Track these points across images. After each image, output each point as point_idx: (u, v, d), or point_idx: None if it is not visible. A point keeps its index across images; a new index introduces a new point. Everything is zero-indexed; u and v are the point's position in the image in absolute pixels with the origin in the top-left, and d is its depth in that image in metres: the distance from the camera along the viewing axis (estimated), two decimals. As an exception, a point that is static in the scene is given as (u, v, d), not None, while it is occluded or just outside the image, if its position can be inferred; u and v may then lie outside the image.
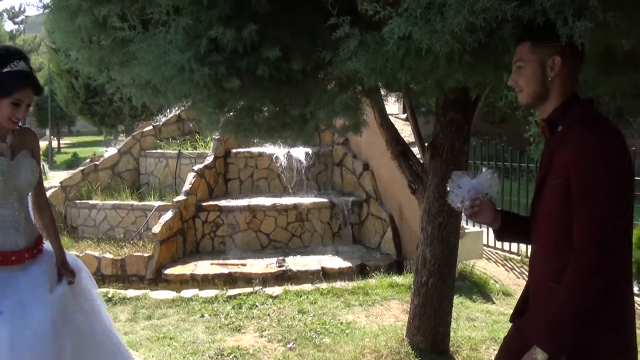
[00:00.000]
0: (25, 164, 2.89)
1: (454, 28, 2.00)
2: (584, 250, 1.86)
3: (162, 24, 3.04)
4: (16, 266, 2.82)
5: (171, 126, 11.73)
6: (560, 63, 2.02)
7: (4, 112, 2.70)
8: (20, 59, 2.72)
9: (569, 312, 1.86)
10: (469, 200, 2.20)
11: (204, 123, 3.98)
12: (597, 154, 1.87)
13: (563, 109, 2.05)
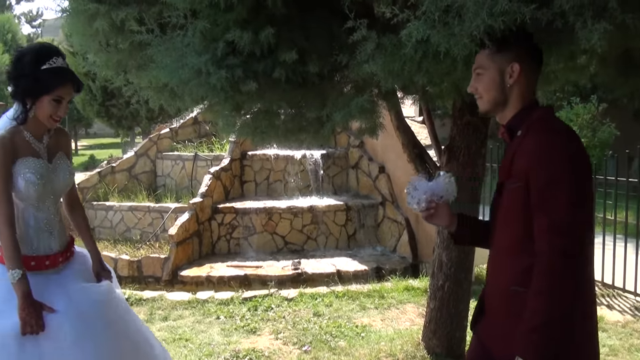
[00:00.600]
0: (63, 166, 2.82)
1: (472, 31, 1.99)
2: (548, 255, 1.85)
3: (179, 28, 3.05)
4: (50, 271, 2.74)
5: (187, 128, 11.78)
6: (518, 70, 2.03)
7: (45, 109, 2.63)
8: (59, 55, 2.65)
9: (542, 319, 1.85)
10: (425, 203, 2.25)
11: (221, 126, 3.98)
12: (555, 158, 1.89)
13: (522, 115, 2.06)
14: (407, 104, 4.93)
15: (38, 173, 2.66)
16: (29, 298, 2.51)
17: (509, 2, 1.99)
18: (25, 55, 2.62)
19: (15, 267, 2.52)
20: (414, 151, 4.52)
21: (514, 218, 2.01)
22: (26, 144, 2.68)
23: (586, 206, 1.90)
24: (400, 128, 4.52)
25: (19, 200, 2.68)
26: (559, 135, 1.94)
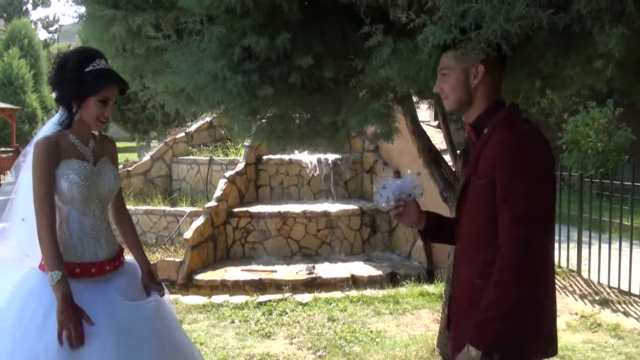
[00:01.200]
0: (107, 170, 2.75)
1: (489, 36, 1.98)
2: (509, 247, 1.89)
3: (196, 33, 3.07)
4: (96, 279, 2.64)
5: (203, 133, 11.84)
6: (483, 71, 2.07)
7: (92, 111, 2.59)
8: (101, 58, 2.62)
9: (500, 309, 1.88)
10: (394, 201, 2.30)
11: (236, 130, 4.00)
12: (518, 155, 1.93)
13: (487, 114, 2.10)
14: (422, 108, 4.91)
15: (82, 174, 2.60)
16: (69, 300, 2.42)
17: (526, 7, 1.98)
18: (68, 59, 2.59)
19: (55, 268, 2.44)
20: (429, 156, 4.51)
21: (479, 213, 2.05)
22: (71, 146, 2.63)
23: (548, 201, 1.95)
24: (415, 133, 4.51)
25: (62, 204, 2.61)
26: (523, 133, 1.99)
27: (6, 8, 46.91)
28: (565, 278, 7.39)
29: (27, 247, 2.70)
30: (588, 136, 13.73)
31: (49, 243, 2.48)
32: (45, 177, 2.53)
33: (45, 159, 2.54)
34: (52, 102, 38.01)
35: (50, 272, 2.43)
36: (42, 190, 2.52)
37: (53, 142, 2.57)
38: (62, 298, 2.41)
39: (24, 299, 2.53)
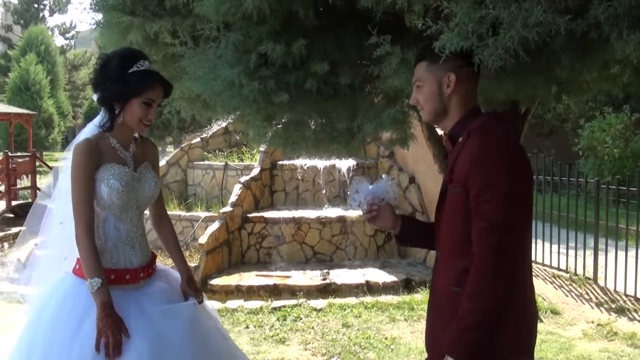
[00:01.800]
0: (148, 177, 2.68)
1: (506, 42, 1.98)
2: (483, 255, 1.89)
3: (212, 40, 3.08)
4: (130, 286, 2.57)
5: (218, 138, 11.89)
6: (455, 80, 2.08)
7: (135, 113, 2.53)
8: (145, 59, 2.56)
9: (475, 318, 1.88)
10: (366, 205, 2.34)
11: (252, 136, 4.01)
12: (490, 164, 1.93)
13: (463, 123, 2.11)
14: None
15: (122, 180, 2.54)
16: (108, 308, 2.36)
17: (543, 14, 1.97)
18: (111, 60, 2.54)
19: (95, 275, 2.38)
20: (444, 162, 4.48)
21: (455, 222, 2.05)
22: (112, 150, 2.57)
23: (521, 208, 1.94)
24: (431, 139, 4.49)
25: (100, 209, 2.55)
26: (496, 141, 1.98)
27: (23, 15, 47.46)
28: (581, 286, 7.33)
29: (66, 250, 2.66)
30: (604, 142, 13.62)
31: (88, 249, 2.43)
32: (85, 181, 2.48)
33: (85, 162, 2.48)
34: (68, 107, 38.49)
35: (90, 279, 2.38)
36: (81, 193, 2.47)
37: (93, 145, 2.51)
38: (101, 305, 2.35)
39: (57, 304, 2.48)
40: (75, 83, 46.75)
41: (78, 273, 2.51)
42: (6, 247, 11.88)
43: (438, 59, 2.10)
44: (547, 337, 5.68)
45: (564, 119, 16.25)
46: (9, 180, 14.16)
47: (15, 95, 31.63)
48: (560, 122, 16.23)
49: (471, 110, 2.13)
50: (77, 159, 2.49)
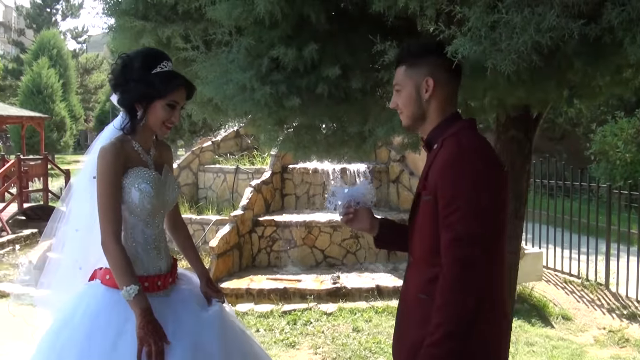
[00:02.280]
0: (171, 179, 2.63)
1: (519, 47, 1.97)
2: (449, 269, 1.87)
3: (224, 44, 3.09)
4: (161, 293, 2.50)
5: (229, 142, 11.93)
6: (433, 84, 2.07)
7: (158, 115, 2.44)
8: (168, 59, 2.50)
9: (445, 330, 1.85)
10: (342, 208, 2.34)
11: (263, 140, 4.01)
12: (459, 174, 1.91)
13: (440, 129, 2.09)
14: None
15: (153, 184, 2.47)
16: (149, 315, 2.27)
17: (556, 18, 1.97)
18: (133, 60, 2.45)
19: (130, 282, 2.29)
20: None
21: (426, 230, 2.04)
22: (135, 154, 2.49)
23: (489, 220, 1.89)
24: (442, 143, 4.48)
25: (128, 215, 2.47)
26: (467, 150, 1.96)
27: (35, 19, 47.84)
28: (592, 291, 7.29)
29: (80, 259, 2.58)
30: (616, 147, 13.55)
31: (119, 256, 2.34)
32: (113, 186, 2.38)
33: (113, 166, 2.38)
34: (79, 110, 38.76)
35: (126, 287, 2.29)
36: (109, 199, 2.37)
37: (120, 149, 2.42)
38: (141, 313, 2.27)
39: (90, 318, 2.35)
40: (87, 86, 47.11)
41: (108, 283, 2.41)
42: (17, 249, 11.96)
43: (416, 63, 2.11)
44: (558, 343, 5.65)
45: (576, 123, 16.17)
46: (20, 182, 14.27)
47: (28, 98, 31.88)
48: (572, 126, 16.15)
49: (450, 116, 2.11)
50: (105, 162, 2.38)
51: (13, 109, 25.71)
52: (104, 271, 2.44)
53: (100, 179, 2.38)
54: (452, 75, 2.12)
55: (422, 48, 2.14)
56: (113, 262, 2.35)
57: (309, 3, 2.82)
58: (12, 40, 50.92)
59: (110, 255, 2.35)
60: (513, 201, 4.14)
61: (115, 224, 2.37)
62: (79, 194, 2.63)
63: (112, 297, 2.36)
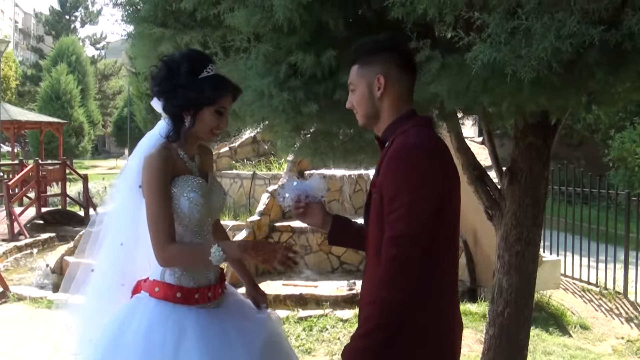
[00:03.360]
0: (217, 186, 2.53)
1: (539, 53, 1.96)
2: (384, 266, 1.86)
3: (242, 51, 3.11)
4: (211, 304, 2.41)
5: (246, 147, 11.98)
6: (384, 82, 2.04)
7: (207, 122, 2.34)
8: (213, 62, 2.40)
9: (371, 326, 1.84)
10: (291, 201, 2.32)
11: (280, 146, 4.02)
12: (402, 171, 1.89)
13: (394, 127, 2.06)
14: (467, 124, 4.87)
15: (201, 192, 2.37)
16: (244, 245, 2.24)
17: (577, 24, 1.96)
18: (180, 64, 2.33)
19: (208, 252, 2.20)
20: (474, 173, 4.45)
21: (375, 228, 2.01)
22: (181, 161, 2.39)
23: (432, 218, 1.85)
24: (460, 149, 4.46)
25: (177, 225, 2.34)
26: (412, 146, 1.93)
27: (54, 26, 48.47)
28: (611, 300, 7.21)
29: (123, 275, 2.48)
30: (635, 153, 13.41)
31: (182, 249, 2.29)
32: (163, 194, 2.27)
33: (162, 174, 2.27)
34: (98, 116, 39.10)
35: (213, 252, 2.20)
36: (160, 209, 2.25)
37: (167, 156, 2.31)
38: (239, 247, 2.25)
39: (144, 335, 2.26)
40: (105, 92, 47.61)
41: (158, 295, 2.33)
42: (35, 252, 12.07)
43: (369, 61, 2.09)
44: (576, 352, 5.59)
45: (594, 129, 16.02)
46: (39, 187, 14.43)
47: (46, 104, 32.29)
48: (590, 132, 16.01)
49: (404, 114, 2.07)
50: (153, 170, 2.27)
51: (32, 114, 26.06)
52: (152, 283, 2.35)
53: (149, 188, 2.27)
54: (405, 72, 2.09)
55: (373, 46, 2.10)
56: (183, 257, 2.30)
57: (328, 10, 2.82)
58: (31, 47, 51.61)
59: (174, 257, 2.28)
60: (531, 208, 4.12)
61: (168, 234, 2.25)
62: (121, 205, 2.51)
63: (164, 311, 2.29)
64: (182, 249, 2.29)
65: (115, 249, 2.46)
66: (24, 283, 9.45)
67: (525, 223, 4.07)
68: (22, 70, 48.42)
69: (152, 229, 2.25)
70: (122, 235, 2.45)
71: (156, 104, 2.42)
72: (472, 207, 7.60)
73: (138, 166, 2.35)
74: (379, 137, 2.16)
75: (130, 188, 2.41)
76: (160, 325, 2.26)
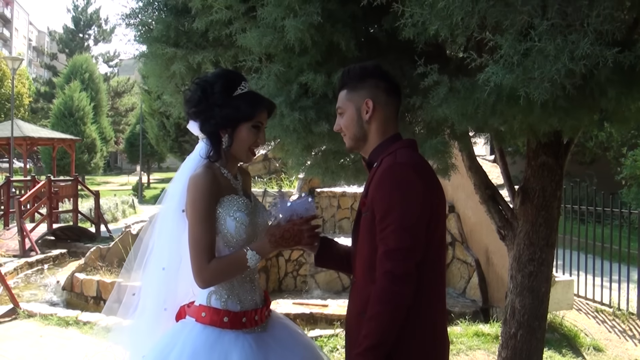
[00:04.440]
0: (260, 206, 2.48)
1: (553, 75, 1.95)
2: (379, 281, 1.93)
3: (254, 71, 3.12)
4: (258, 328, 2.36)
5: (257, 165, 12.01)
6: (372, 106, 2.14)
7: (245, 139, 2.33)
8: (245, 80, 2.38)
9: (370, 343, 1.92)
10: (283, 221, 2.27)
11: (291, 164, 4.02)
12: (391, 189, 1.98)
13: (381, 149, 2.16)
14: (479, 142, 4.85)
15: (247, 211, 2.32)
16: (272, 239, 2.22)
17: (590, 46, 1.95)
18: (213, 84, 2.32)
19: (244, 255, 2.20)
20: (486, 192, 4.42)
21: (365, 246, 2.09)
22: (226, 181, 2.35)
23: (422, 232, 1.96)
24: (472, 168, 4.44)
25: (222, 246, 2.30)
26: (401, 164, 2.03)
27: (68, 44, 48.98)
28: (624, 321, 7.11)
29: (165, 299, 2.44)
30: (648, 171, 13.30)
31: (219, 264, 2.22)
32: (206, 215, 2.23)
33: (207, 194, 2.24)
34: (110, 133, 39.36)
35: (249, 256, 2.21)
36: (204, 230, 2.22)
37: (212, 176, 2.27)
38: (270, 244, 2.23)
39: None
40: (118, 109, 47.97)
41: (204, 321, 2.29)
42: (46, 268, 12.08)
43: (357, 86, 2.17)
44: (590, 374, 5.51)
45: (606, 147, 15.94)
46: (50, 203, 14.48)
47: (59, 120, 32.54)
48: (603, 150, 15.92)
49: (391, 137, 2.18)
50: (198, 190, 2.23)
51: (44, 130, 26.22)
52: (199, 309, 2.31)
53: (193, 208, 2.23)
54: (392, 96, 2.19)
55: (362, 71, 2.20)
56: (222, 271, 2.24)
57: (339, 30, 2.84)
58: (45, 64, 52.12)
59: (214, 274, 2.23)
60: (544, 228, 4.08)
61: (209, 255, 2.21)
62: (164, 229, 2.44)
63: (210, 337, 2.25)
64: (219, 263, 2.23)
65: (157, 273, 2.42)
66: (35, 300, 9.45)
67: (538, 243, 4.03)
68: (35, 87, 48.97)
69: (192, 250, 2.22)
70: (164, 260, 2.40)
71: (192, 127, 2.41)
72: (484, 226, 7.57)
73: (181, 190, 2.32)
74: (365, 159, 2.24)
75: (174, 212, 2.37)
76: (205, 351, 2.22)
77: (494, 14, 2.18)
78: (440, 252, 2.12)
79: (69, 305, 8.98)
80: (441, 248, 2.13)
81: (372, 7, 2.56)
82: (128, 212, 20.59)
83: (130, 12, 3.40)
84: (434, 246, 2.05)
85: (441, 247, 2.13)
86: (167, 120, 27.59)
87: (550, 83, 1.97)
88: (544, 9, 2.10)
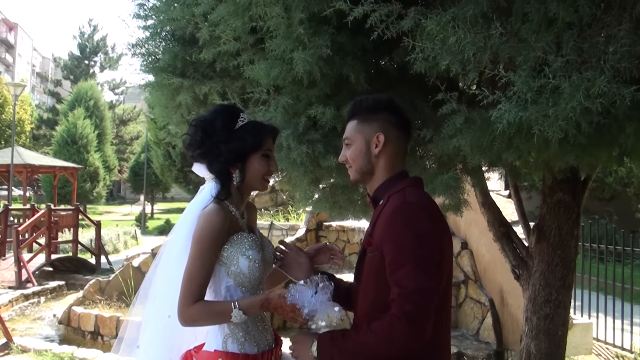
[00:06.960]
0: (267, 243, 2.40)
1: (568, 113, 1.86)
2: (397, 316, 1.83)
3: (262, 103, 3.08)
4: None
5: (264, 197, 11.95)
6: (383, 140, 2.07)
7: (256, 170, 2.26)
8: (243, 111, 2.32)
9: (363, 351, 1.89)
10: (308, 316, 2.06)
11: (298, 198, 3.95)
12: (403, 229, 1.90)
13: (387, 185, 2.09)
14: (493, 177, 4.75)
15: (259, 248, 2.26)
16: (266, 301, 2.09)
17: (607, 84, 1.86)
18: (213, 121, 2.25)
19: (230, 309, 2.08)
20: (500, 230, 4.31)
21: (370, 285, 2.02)
22: (235, 219, 2.26)
23: (435, 271, 1.89)
24: (485, 205, 4.34)
25: (234, 289, 2.22)
26: (410, 204, 1.96)
27: (73, 70, 48.94)
28: (646, 363, 6.88)
29: (171, 350, 2.32)
30: (669, 208, 13.07)
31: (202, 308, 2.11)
32: (209, 252, 2.14)
33: (217, 231, 2.15)
34: (114, 161, 39.03)
35: (235, 315, 2.08)
36: (201, 266, 2.13)
37: (225, 215, 2.18)
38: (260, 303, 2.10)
39: None
40: (123, 137, 47.85)
41: (202, 357, 2.23)
42: (42, 301, 11.69)
43: (369, 118, 2.10)
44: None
45: (627, 183, 15.71)
46: (49, 233, 13.96)
47: (62, 148, 32.23)
48: (623, 186, 15.69)
49: (398, 174, 2.11)
50: (208, 225, 2.14)
51: (46, 158, 25.75)
52: (214, 354, 2.22)
53: (198, 243, 2.13)
54: (402, 132, 2.13)
55: (375, 103, 2.13)
56: (202, 319, 2.14)
57: (349, 63, 2.79)
58: (49, 91, 52.39)
59: (194, 318, 2.13)
60: (560, 268, 3.96)
61: (197, 295, 2.11)
62: (168, 277, 2.31)
63: None
64: (203, 308, 2.12)
65: (161, 322, 2.29)
66: (30, 334, 9.20)
67: (555, 284, 3.91)
68: (37, 113, 48.95)
69: (184, 284, 2.11)
70: (169, 307, 2.23)
71: (198, 169, 2.31)
72: (498, 264, 7.40)
73: (186, 235, 2.22)
74: (369, 195, 2.17)
75: (178, 257, 2.25)
76: None
77: (507, 50, 2.12)
78: (448, 291, 2.06)
79: (65, 340, 8.76)
80: (449, 286, 2.07)
81: (382, 40, 2.49)
82: (130, 243, 20.12)
83: (137, 42, 3.37)
84: (445, 285, 1.98)
85: (449, 285, 2.06)
86: (173, 150, 27.56)
87: (565, 121, 1.88)
88: (558, 45, 2.03)
